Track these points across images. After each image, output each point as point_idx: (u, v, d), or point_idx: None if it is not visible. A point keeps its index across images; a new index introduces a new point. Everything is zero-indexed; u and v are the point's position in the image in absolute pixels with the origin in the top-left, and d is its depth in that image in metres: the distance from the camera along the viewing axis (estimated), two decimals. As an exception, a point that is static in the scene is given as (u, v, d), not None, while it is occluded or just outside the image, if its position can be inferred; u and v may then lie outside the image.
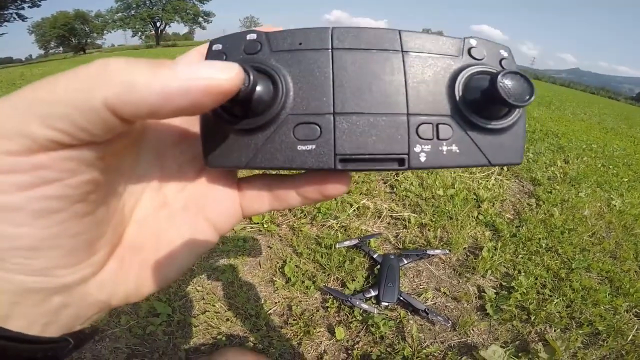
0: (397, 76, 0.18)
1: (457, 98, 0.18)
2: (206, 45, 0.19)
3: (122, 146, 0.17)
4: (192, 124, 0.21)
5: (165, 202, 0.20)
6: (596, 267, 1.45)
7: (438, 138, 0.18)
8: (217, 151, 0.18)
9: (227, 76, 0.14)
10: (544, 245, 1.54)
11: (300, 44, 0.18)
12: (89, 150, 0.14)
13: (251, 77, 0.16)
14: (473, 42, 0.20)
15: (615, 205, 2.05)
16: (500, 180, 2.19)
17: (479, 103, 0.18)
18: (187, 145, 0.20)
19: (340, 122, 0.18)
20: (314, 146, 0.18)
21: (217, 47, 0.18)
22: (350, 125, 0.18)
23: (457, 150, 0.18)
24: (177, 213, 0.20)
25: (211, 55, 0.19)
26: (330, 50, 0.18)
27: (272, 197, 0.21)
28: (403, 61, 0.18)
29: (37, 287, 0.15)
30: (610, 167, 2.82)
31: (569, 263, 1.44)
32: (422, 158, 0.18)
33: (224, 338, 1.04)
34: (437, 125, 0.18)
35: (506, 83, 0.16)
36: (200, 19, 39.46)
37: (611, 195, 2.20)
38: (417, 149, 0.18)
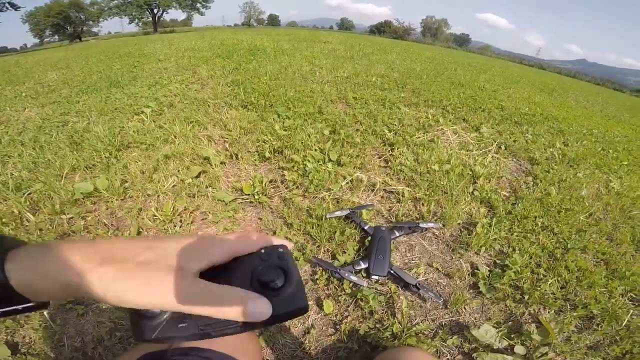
0: None
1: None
2: None
3: None
4: None
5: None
6: (592, 249, 1.41)
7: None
8: (139, 331, 0.27)
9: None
10: (539, 223, 1.51)
11: None
12: None
13: None
14: None
15: (613, 187, 2.01)
16: (498, 157, 2.15)
17: None
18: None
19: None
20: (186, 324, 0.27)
21: None
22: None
23: None
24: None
25: None
26: None
27: None
28: None
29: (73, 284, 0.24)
30: (610, 151, 2.76)
31: (564, 243, 1.41)
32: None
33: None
34: None
35: None
36: (199, 4, 38.65)
37: (610, 177, 2.16)
38: None
